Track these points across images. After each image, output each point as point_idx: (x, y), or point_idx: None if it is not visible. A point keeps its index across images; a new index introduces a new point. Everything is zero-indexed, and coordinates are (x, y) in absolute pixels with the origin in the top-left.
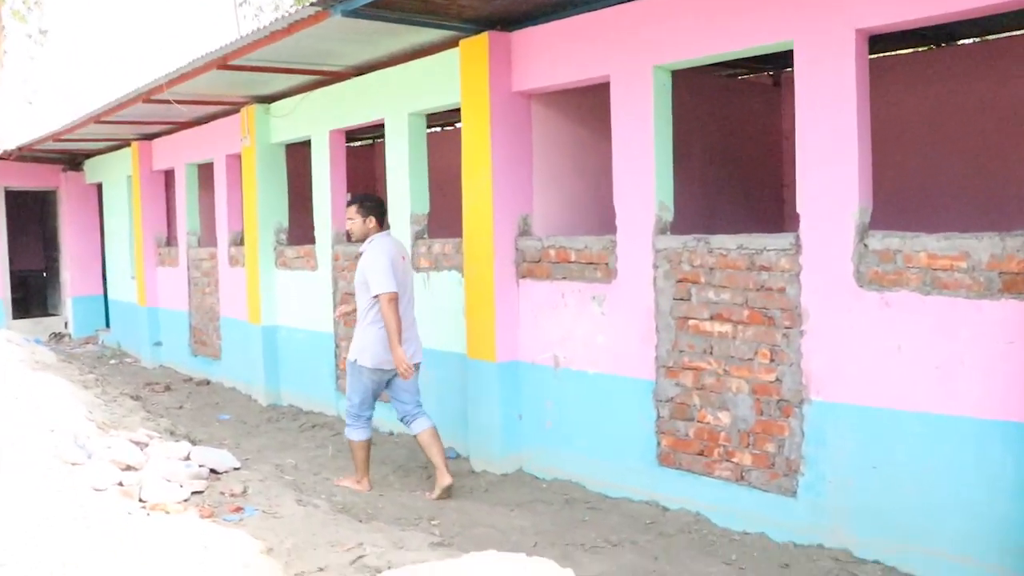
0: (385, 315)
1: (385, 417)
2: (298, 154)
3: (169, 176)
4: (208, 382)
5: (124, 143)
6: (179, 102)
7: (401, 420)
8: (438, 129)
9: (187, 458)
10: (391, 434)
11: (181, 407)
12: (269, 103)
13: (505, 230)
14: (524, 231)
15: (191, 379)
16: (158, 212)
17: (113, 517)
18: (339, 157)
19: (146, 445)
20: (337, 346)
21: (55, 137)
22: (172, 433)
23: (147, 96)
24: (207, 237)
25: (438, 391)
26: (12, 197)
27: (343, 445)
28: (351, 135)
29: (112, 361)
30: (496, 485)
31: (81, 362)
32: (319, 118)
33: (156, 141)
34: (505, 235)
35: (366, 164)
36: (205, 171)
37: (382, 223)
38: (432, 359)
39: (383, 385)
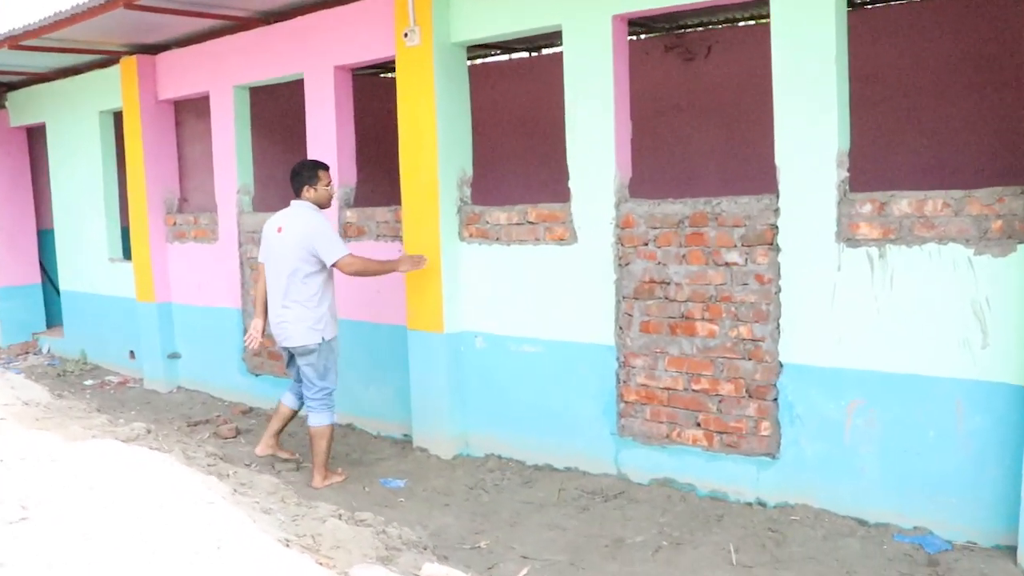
0: (362, 270)
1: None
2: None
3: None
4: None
5: (96, 62)
6: None
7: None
8: None
9: None
10: None
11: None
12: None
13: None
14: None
15: (251, 409)
16: (168, 164)
17: None
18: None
19: None
20: None
21: None
22: (408, 543)
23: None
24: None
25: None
26: None
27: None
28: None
29: (89, 382)
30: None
31: (51, 385)
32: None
33: (165, 55)
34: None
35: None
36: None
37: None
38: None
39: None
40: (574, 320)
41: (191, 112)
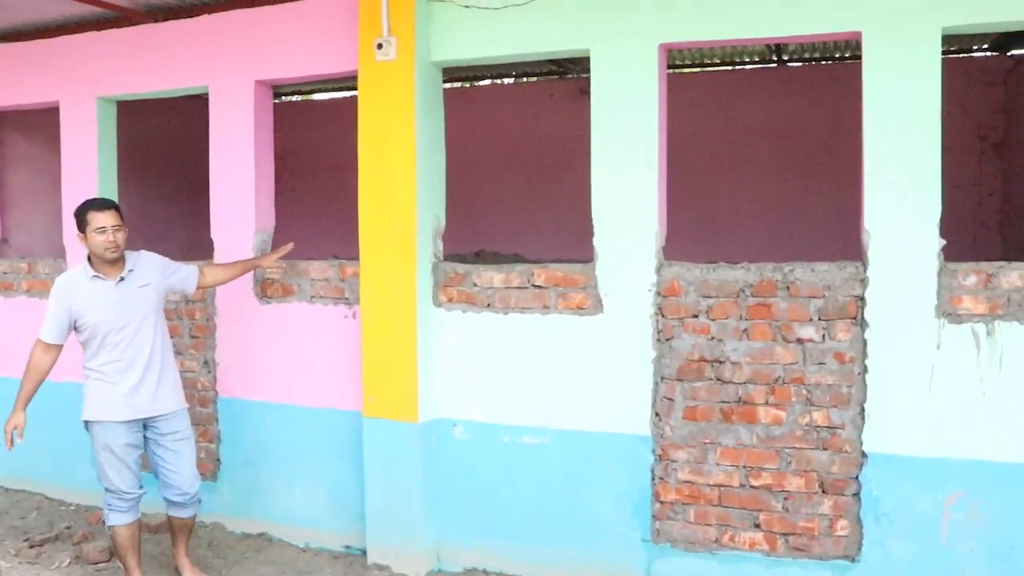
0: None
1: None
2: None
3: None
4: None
5: None
6: None
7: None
8: None
9: None
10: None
11: None
12: None
13: None
14: None
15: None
16: None
17: None
18: None
19: None
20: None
21: None
22: None
23: None
24: None
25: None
26: None
27: None
28: None
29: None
30: None
31: None
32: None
33: None
34: None
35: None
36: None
37: None
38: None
39: None
40: (595, 406)
41: (12, 128)
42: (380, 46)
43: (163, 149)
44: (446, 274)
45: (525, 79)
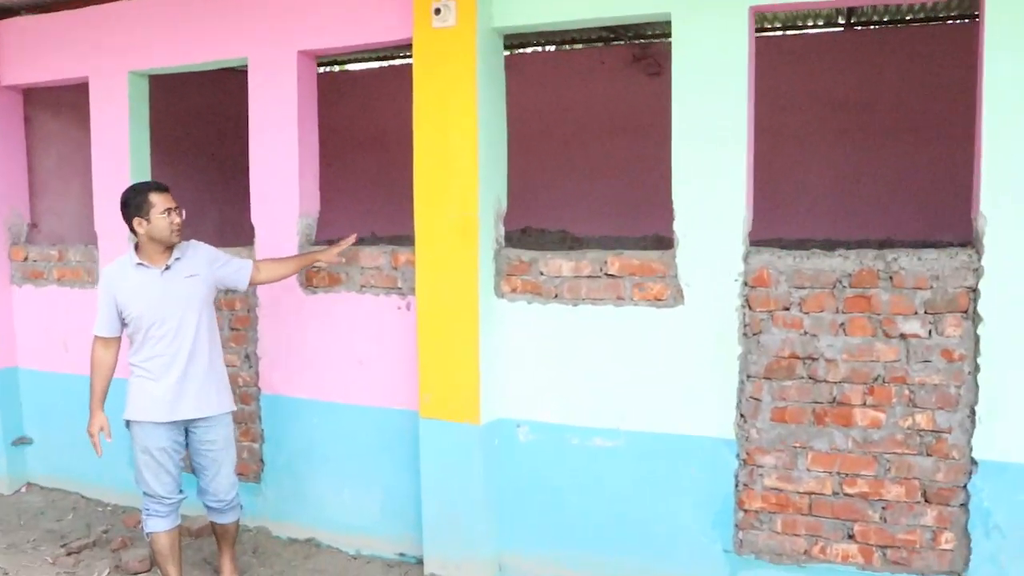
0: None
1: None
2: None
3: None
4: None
5: None
6: None
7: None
8: None
9: None
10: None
11: None
12: None
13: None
14: None
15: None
16: (15, 176)
17: None
18: None
19: None
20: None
21: None
22: None
23: None
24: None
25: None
26: None
27: None
28: None
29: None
30: None
31: None
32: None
33: (13, 23)
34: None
35: None
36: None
37: None
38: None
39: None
40: (673, 406)
41: (42, 106)
42: (438, 11)
43: (195, 126)
44: (509, 262)
45: (569, 47)
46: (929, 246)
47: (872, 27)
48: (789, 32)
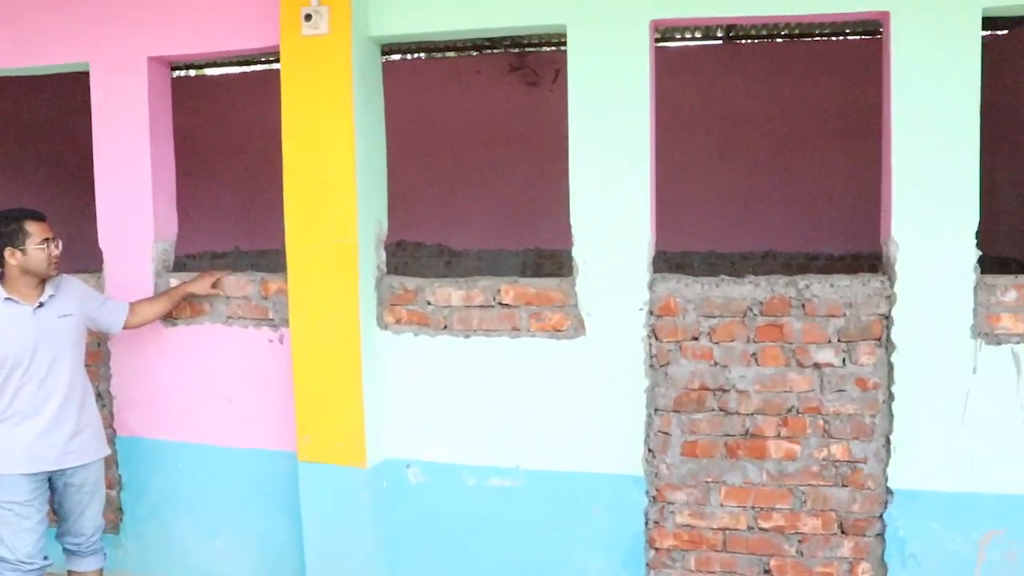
0: None
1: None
2: None
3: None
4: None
5: None
6: None
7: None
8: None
9: None
10: None
11: None
12: None
13: None
14: None
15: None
16: None
17: None
18: None
19: None
20: None
21: None
22: None
23: None
24: None
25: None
26: None
27: None
28: None
29: None
30: None
31: None
32: None
33: None
34: None
35: None
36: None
37: None
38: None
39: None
40: (577, 443)
41: None
42: (308, 17)
43: (34, 134)
44: (393, 291)
45: (441, 54)
46: (836, 260)
47: (750, 41)
48: (668, 44)
